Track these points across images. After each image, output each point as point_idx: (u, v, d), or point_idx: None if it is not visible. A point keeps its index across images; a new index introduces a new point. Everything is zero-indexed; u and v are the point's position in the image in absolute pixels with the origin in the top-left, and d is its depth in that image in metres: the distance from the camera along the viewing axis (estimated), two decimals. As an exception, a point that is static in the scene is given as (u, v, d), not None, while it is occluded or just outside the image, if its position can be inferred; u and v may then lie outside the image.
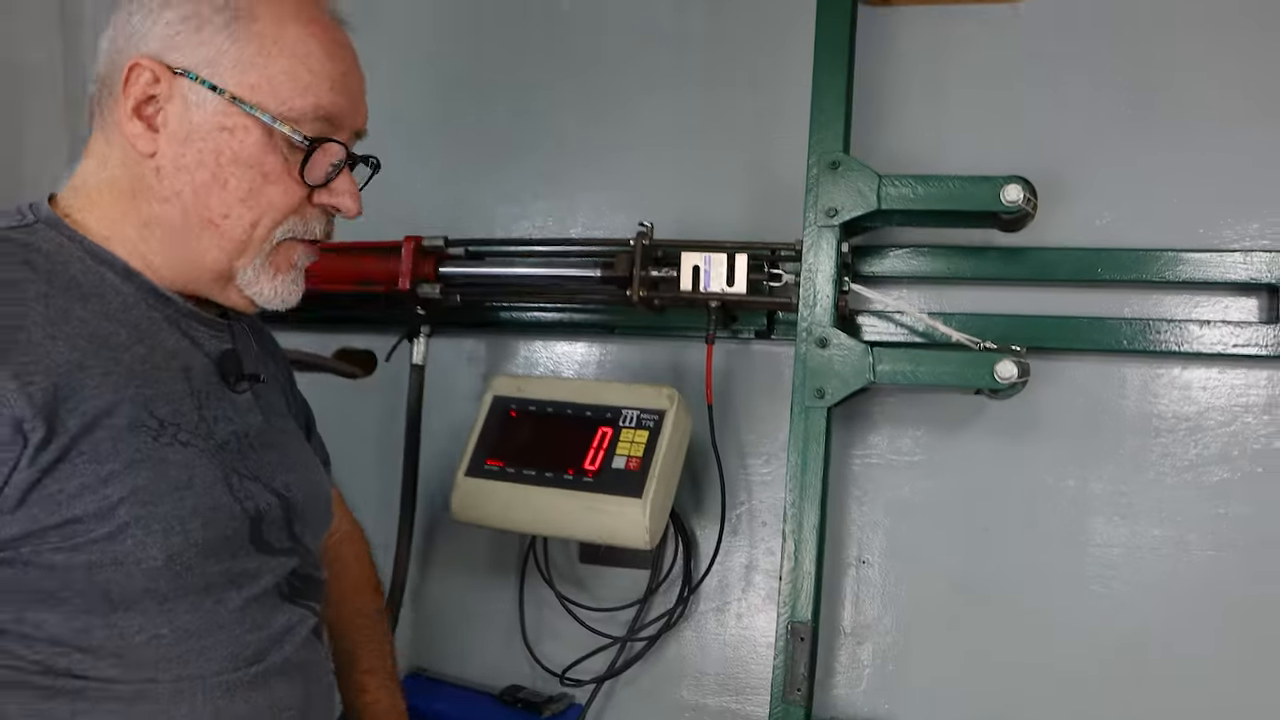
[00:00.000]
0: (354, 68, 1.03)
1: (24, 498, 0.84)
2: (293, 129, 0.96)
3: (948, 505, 1.55)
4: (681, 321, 1.62)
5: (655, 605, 1.66)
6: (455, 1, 1.87)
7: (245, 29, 0.95)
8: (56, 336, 0.87)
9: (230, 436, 1.01)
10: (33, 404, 0.83)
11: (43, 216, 0.96)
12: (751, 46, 1.67)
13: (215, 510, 0.95)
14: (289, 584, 1.06)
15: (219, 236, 0.97)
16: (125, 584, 0.89)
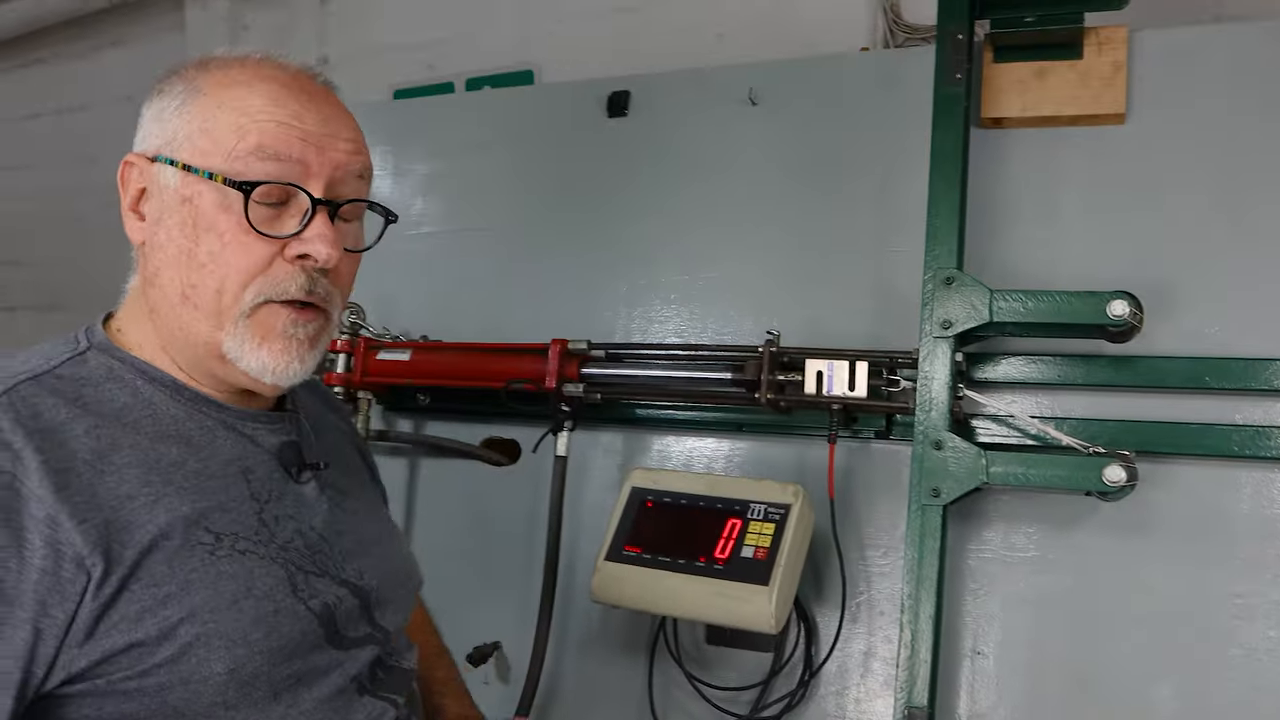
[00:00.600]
0: (312, 106, 0.98)
1: (92, 630, 0.86)
2: (227, 179, 0.94)
3: (1062, 600, 1.61)
4: (805, 421, 1.75)
5: (777, 687, 1.75)
6: (588, 121, 2.06)
7: (194, 103, 0.97)
8: (105, 471, 0.89)
9: (294, 535, 1.01)
10: (88, 540, 0.85)
11: (95, 342, 0.99)
12: (874, 164, 1.81)
13: (277, 615, 0.96)
14: (370, 676, 1.07)
15: (193, 309, 0.96)
16: (194, 700, 0.91)
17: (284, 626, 0.96)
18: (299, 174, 0.97)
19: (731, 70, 1.95)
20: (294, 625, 0.97)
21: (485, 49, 2.86)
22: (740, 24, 2.36)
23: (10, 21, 3.78)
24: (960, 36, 1.56)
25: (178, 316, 0.98)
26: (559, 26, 2.70)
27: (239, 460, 1.01)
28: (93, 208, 3.87)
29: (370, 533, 1.14)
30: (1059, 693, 1.60)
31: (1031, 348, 1.65)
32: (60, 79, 3.95)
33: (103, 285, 3.69)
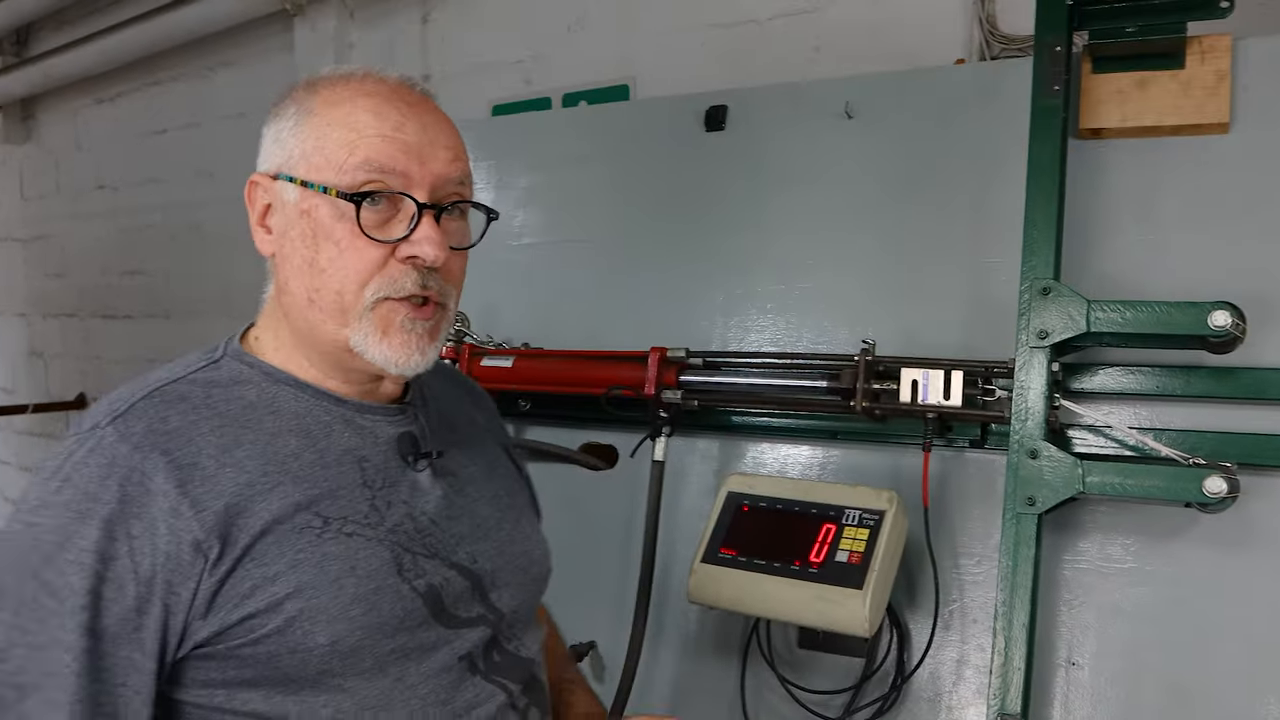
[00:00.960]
0: (415, 120, 1.05)
1: (210, 604, 0.96)
2: (340, 191, 1.02)
3: (1160, 612, 1.60)
4: (899, 430, 1.77)
5: (868, 693, 1.77)
6: (686, 135, 2.11)
7: (306, 123, 1.05)
8: (227, 464, 0.99)
9: (404, 519, 1.08)
10: (205, 526, 0.96)
11: (230, 350, 1.10)
12: (969, 175, 1.82)
13: (378, 593, 1.03)
14: (484, 657, 1.12)
15: (319, 312, 1.05)
16: (302, 668, 0.99)
17: (385, 604, 1.03)
18: (403, 183, 1.04)
19: (827, 84, 1.99)
20: (396, 603, 1.04)
21: (581, 64, 2.94)
22: (838, 36, 2.38)
23: (136, 45, 3.99)
24: (1058, 48, 1.57)
25: (307, 320, 1.07)
26: (655, 42, 2.75)
27: (355, 450, 1.09)
28: (208, 219, 4.08)
29: (490, 519, 1.19)
30: (1156, 706, 1.59)
31: (1129, 358, 1.64)
32: (180, 97, 4.16)
33: (210, 295, 3.92)
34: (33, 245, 5.07)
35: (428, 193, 1.05)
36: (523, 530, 1.26)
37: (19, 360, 5.22)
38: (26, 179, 5.07)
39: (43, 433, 5.02)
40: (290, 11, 3.53)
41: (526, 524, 1.28)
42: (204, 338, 3.77)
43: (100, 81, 4.45)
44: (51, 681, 0.92)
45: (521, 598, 1.20)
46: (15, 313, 5.22)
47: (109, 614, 0.94)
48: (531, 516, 1.33)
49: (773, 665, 1.81)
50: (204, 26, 3.78)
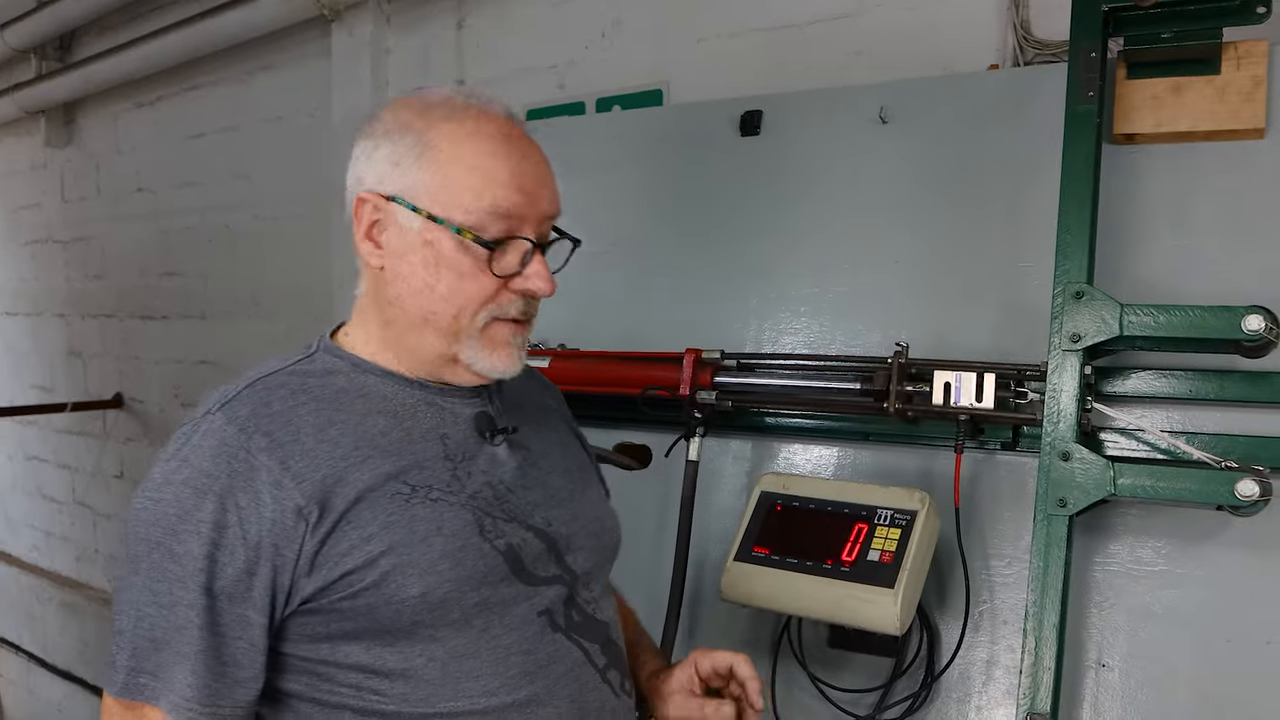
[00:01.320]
0: (528, 161, 1.17)
1: (313, 563, 1.09)
2: (475, 236, 1.14)
3: (1191, 615, 1.61)
4: (931, 432, 1.79)
5: (898, 692, 1.79)
6: (721, 139, 2.14)
7: (431, 158, 1.14)
8: (323, 441, 1.12)
9: (483, 487, 1.19)
10: (305, 494, 1.08)
11: (322, 345, 1.23)
12: (1002, 180, 1.84)
13: (463, 550, 1.14)
14: (564, 615, 1.22)
15: (433, 330, 1.17)
16: (397, 619, 1.11)
17: (469, 560, 1.14)
18: (520, 225, 1.17)
19: (862, 89, 2.01)
20: (479, 560, 1.15)
21: (615, 69, 2.96)
22: (874, 42, 2.40)
23: (176, 50, 4.06)
24: (1093, 54, 1.58)
25: (418, 334, 1.19)
26: (690, 47, 2.77)
27: (437, 428, 1.20)
28: (243, 222, 4.14)
29: (562, 489, 1.30)
30: (1186, 709, 1.60)
31: (1162, 362, 1.66)
32: (219, 102, 4.22)
33: (243, 296, 3.96)
34: (73, 247, 5.15)
35: (536, 229, 1.18)
36: (593, 501, 1.36)
37: (58, 360, 5.31)
38: (68, 182, 5.16)
39: (81, 431, 5.11)
40: (328, 17, 3.58)
41: (596, 496, 1.39)
42: (237, 338, 3.85)
43: (141, 86, 4.52)
44: (180, 635, 1.07)
45: (594, 560, 1.30)
46: (55, 313, 5.30)
47: (223, 576, 1.08)
48: (600, 491, 1.43)
49: (804, 663, 1.83)
50: (243, 32, 3.84)
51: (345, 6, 3.52)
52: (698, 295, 2.10)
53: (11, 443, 5.70)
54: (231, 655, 1.09)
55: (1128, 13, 1.60)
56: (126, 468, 4.88)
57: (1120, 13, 1.60)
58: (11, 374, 5.70)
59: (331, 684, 1.14)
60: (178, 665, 1.07)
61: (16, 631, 5.55)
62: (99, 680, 1.05)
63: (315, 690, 1.14)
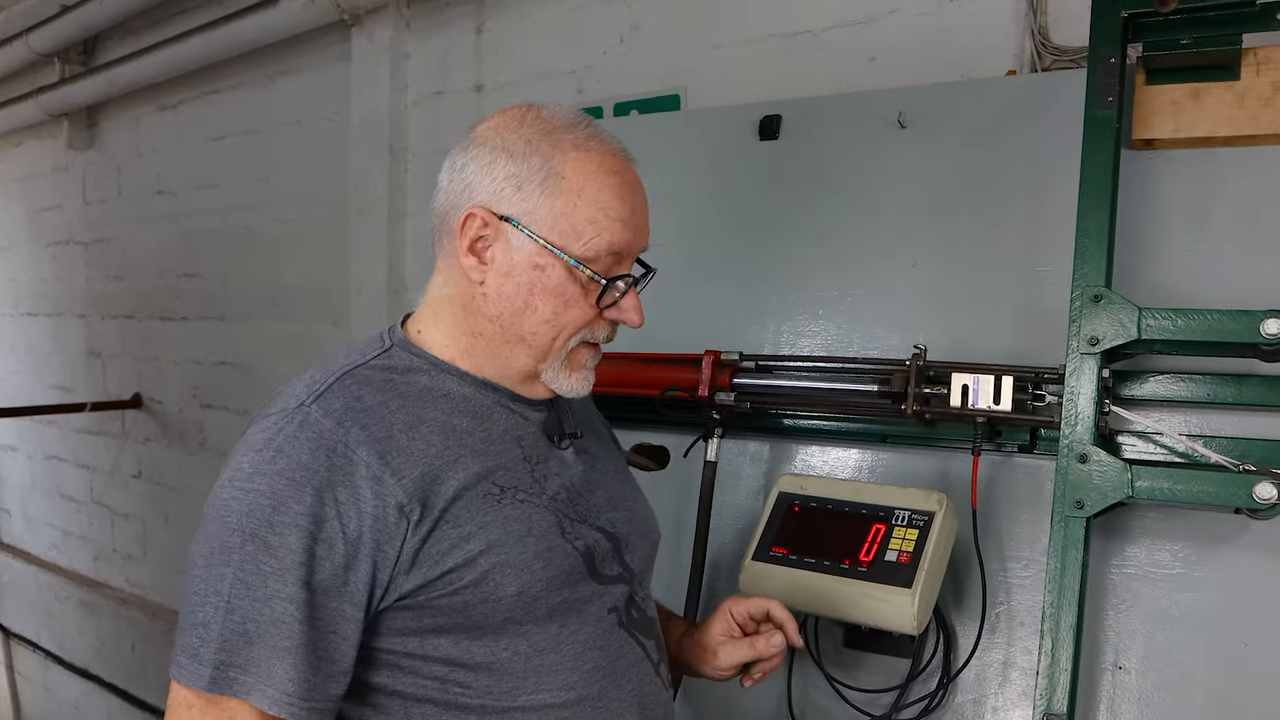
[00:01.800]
0: (640, 203, 1.24)
1: (414, 560, 1.11)
2: (591, 271, 1.19)
3: (1208, 618, 1.61)
4: (949, 434, 1.80)
5: (913, 692, 1.80)
6: (740, 143, 2.15)
7: (556, 186, 1.18)
8: (416, 437, 1.14)
9: (559, 489, 1.24)
10: (407, 491, 1.10)
11: (396, 341, 1.25)
12: (1021, 184, 1.85)
13: (551, 551, 1.19)
14: (626, 613, 1.28)
15: (527, 349, 1.22)
16: (491, 615, 1.15)
17: (557, 560, 1.19)
18: (624, 260, 1.24)
19: (881, 94, 2.02)
20: (564, 560, 1.20)
21: (633, 75, 2.98)
22: (891, 47, 2.41)
23: (198, 54, 4.11)
24: (1113, 60, 1.59)
25: (510, 349, 1.23)
26: (707, 52, 2.80)
27: (513, 430, 1.25)
28: (262, 224, 4.18)
29: (618, 490, 1.37)
30: (1203, 711, 1.61)
31: (1180, 366, 1.66)
32: (239, 105, 4.27)
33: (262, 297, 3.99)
34: (94, 248, 5.20)
35: (633, 263, 1.26)
36: (640, 500, 1.44)
37: (78, 360, 5.36)
38: (89, 184, 5.21)
39: (100, 431, 5.15)
40: (348, 22, 3.62)
41: (642, 498, 1.46)
42: (255, 340, 3.89)
43: (162, 89, 4.57)
44: (278, 630, 1.07)
45: (646, 559, 1.38)
46: (75, 313, 5.36)
47: (322, 570, 1.08)
48: (643, 495, 1.48)
49: (820, 664, 1.84)
50: (264, 36, 3.88)
51: (365, 11, 3.56)
52: (716, 297, 2.12)
53: (31, 442, 5.75)
54: (327, 650, 1.09)
55: (1147, 19, 1.61)
56: (145, 467, 4.92)
57: (1139, 19, 1.61)
58: (32, 374, 5.75)
59: (416, 676, 1.16)
60: (276, 659, 1.06)
61: (34, 629, 5.59)
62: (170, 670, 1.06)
63: (399, 683, 1.16)
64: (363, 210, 3.59)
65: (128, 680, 4.87)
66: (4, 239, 5.95)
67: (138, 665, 4.76)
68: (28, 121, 5.28)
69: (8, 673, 5.94)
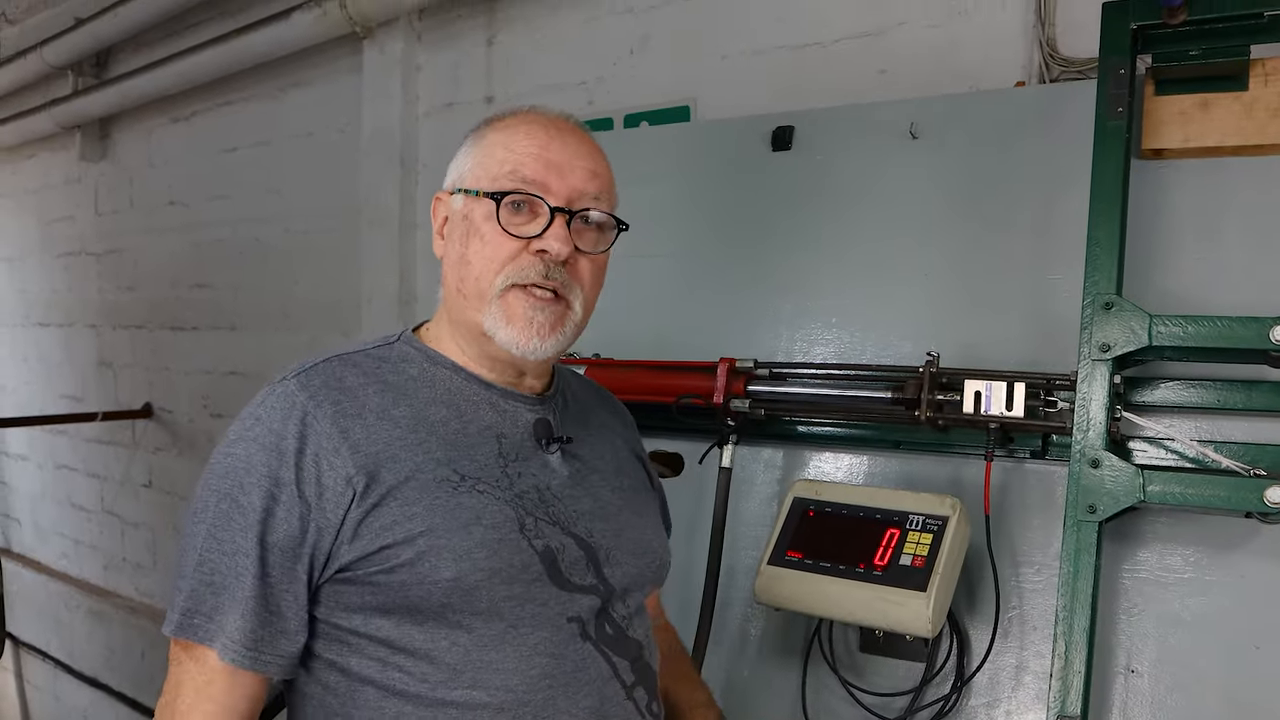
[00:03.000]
0: (558, 139, 1.24)
1: (356, 531, 1.14)
2: (488, 192, 1.22)
3: (1220, 623, 1.63)
4: (961, 440, 1.82)
5: (927, 696, 1.81)
6: (752, 154, 2.18)
7: (477, 145, 1.27)
8: (385, 419, 1.19)
9: (530, 489, 1.23)
10: (356, 464, 1.14)
11: (404, 338, 1.30)
12: (1030, 194, 1.88)
13: (501, 543, 1.17)
14: (595, 626, 1.23)
15: (464, 299, 1.24)
16: (427, 599, 1.14)
17: (505, 554, 1.18)
18: (541, 190, 1.23)
19: (892, 105, 2.05)
20: (515, 555, 1.18)
21: (643, 86, 3.01)
22: (900, 60, 2.44)
23: (211, 66, 4.14)
24: (1123, 71, 1.62)
25: (459, 309, 1.26)
26: (717, 64, 2.82)
27: (494, 427, 1.26)
28: (273, 235, 4.21)
29: (610, 504, 1.33)
30: (1215, 714, 1.62)
31: (1191, 373, 1.68)
32: (251, 117, 4.30)
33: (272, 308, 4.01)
34: (106, 259, 5.24)
35: (565, 202, 1.23)
36: (643, 521, 1.38)
37: (89, 370, 5.39)
38: (101, 195, 5.25)
39: (111, 441, 5.18)
40: (360, 34, 3.65)
41: (649, 519, 1.41)
42: (265, 350, 3.90)
43: (175, 101, 4.61)
44: (236, 581, 1.14)
45: (633, 577, 1.31)
46: (87, 324, 5.39)
47: (278, 530, 1.14)
48: (655, 516, 1.45)
49: (834, 668, 1.86)
50: (276, 49, 3.91)
51: (377, 24, 3.59)
52: (729, 306, 2.14)
53: (42, 451, 5.78)
54: (278, 605, 1.15)
55: (1156, 30, 1.63)
56: (155, 477, 4.94)
57: (1149, 30, 1.64)
58: (43, 384, 5.78)
59: (359, 655, 1.17)
60: (231, 609, 1.13)
61: (44, 638, 5.60)
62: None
63: (343, 659, 1.18)
64: (374, 222, 3.62)
65: (137, 689, 4.88)
66: (16, 250, 5.99)
67: (147, 674, 4.76)
68: (41, 133, 5.32)
69: (17, 681, 5.95)
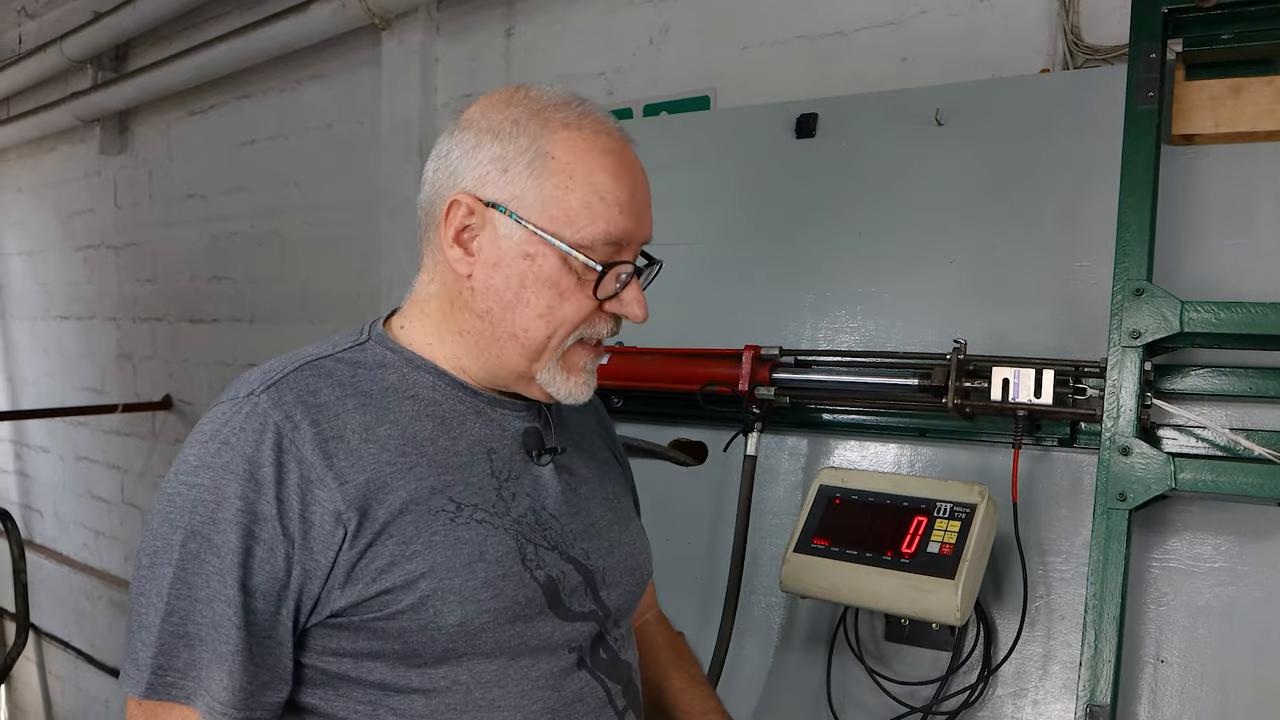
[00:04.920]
0: (639, 185, 1.11)
1: (349, 574, 1.01)
2: (586, 256, 1.06)
3: (1251, 612, 1.62)
4: (988, 428, 1.81)
5: (953, 686, 1.81)
6: (776, 142, 2.17)
7: (544, 167, 1.06)
8: (369, 440, 1.04)
9: (527, 510, 1.12)
10: (346, 498, 1.00)
11: (374, 335, 1.14)
12: (1057, 180, 1.86)
13: (505, 580, 1.07)
14: (592, 652, 1.16)
15: (519, 346, 1.09)
16: (430, 645, 1.04)
17: (510, 590, 1.08)
18: (624, 250, 1.10)
19: (917, 92, 2.04)
20: (520, 591, 1.08)
21: (663, 76, 3.00)
22: (922, 48, 2.42)
23: (229, 59, 4.15)
24: (1153, 56, 1.61)
25: (500, 347, 1.11)
26: (737, 54, 2.81)
27: (484, 441, 1.13)
28: (291, 227, 4.21)
29: (601, 519, 1.23)
30: (1246, 705, 1.61)
31: (1222, 360, 1.67)
32: (269, 109, 4.31)
33: (291, 300, 4.01)
34: (125, 252, 5.26)
35: (636, 252, 1.12)
36: (630, 533, 1.29)
37: (109, 362, 5.41)
38: (121, 188, 5.26)
39: (131, 432, 5.20)
40: (378, 26, 3.64)
41: (634, 527, 1.32)
42: (283, 342, 3.90)
43: (194, 94, 4.62)
44: (217, 633, 0.99)
45: (627, 598, 1.24)
46: (107, 316, 5.41)
47: (260, 572, 1.00)
48: (636, 520, 1.36)
49: (860, 656, 1.85)
50: (295, 41, 3.91)
51: (396, 15, 3.59)
52: (754, 294, 2.14)
53: (63, 443, 5.81)
54: (264, 656, 1.02)
55: (1187, 15, 1.62)
56: (175, 469, 4.96)
57: (1180, 14, 1.62)
58: (63, 376, 5.81)
59: (347, 700, 1.07)
60: (214, 665, 0.99)
61: (66, 629, 5.64)
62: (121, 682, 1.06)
63: (330, 705, 1.08)
64: (393, 212, 3.62)
65: (158, 679, 4.90)
66: (37, 243, 6.02)
67: (168, 664, 4.79)
68: (61, 127, 5.34)
69: (39, 671, 6.00)
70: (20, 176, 6.10)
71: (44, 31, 5.50)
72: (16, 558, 4.94)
